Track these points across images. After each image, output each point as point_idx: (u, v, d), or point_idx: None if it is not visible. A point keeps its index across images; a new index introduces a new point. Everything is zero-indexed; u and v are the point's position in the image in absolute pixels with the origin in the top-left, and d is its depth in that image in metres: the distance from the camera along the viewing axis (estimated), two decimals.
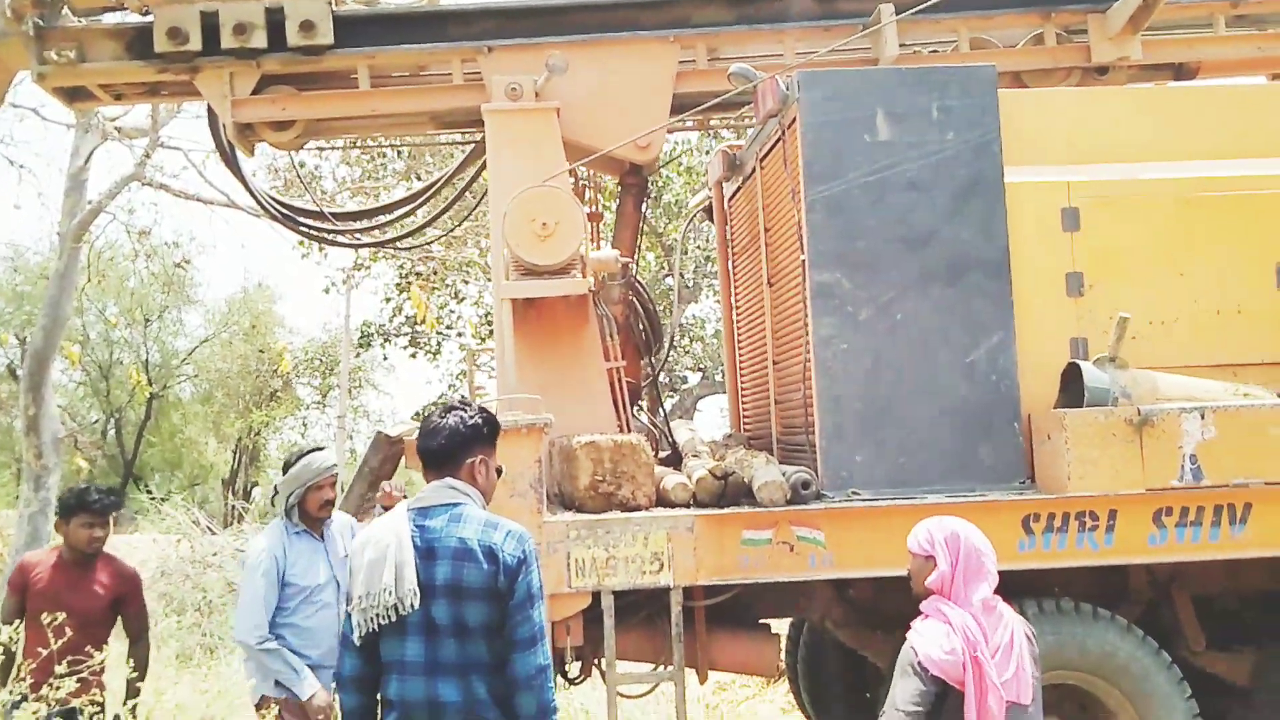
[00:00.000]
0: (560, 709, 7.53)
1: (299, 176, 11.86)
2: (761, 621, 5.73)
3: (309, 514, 4.98)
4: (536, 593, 3.28)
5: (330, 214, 7.79)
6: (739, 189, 6.87)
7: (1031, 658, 3.59)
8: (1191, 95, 5.89)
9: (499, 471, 3.52)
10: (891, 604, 5.41)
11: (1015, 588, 5.14)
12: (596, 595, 5.01)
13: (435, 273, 17.33)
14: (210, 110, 6.88)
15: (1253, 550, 4.97)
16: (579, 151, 6.17)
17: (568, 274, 5.60)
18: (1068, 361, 5.27)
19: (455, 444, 3.39)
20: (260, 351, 25.28)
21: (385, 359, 22.51)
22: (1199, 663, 5.40)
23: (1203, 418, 4.92)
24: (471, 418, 3.42)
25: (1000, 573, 4.94)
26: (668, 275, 14.44)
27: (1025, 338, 5.28)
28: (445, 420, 3.41)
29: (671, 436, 6.69)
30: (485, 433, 3.43)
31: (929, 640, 3.46)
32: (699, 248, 16.03)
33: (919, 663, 3.43)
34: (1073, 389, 5.18)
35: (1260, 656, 5.40)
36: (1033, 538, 4.98)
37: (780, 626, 6.55)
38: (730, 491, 5.21)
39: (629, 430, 5.88)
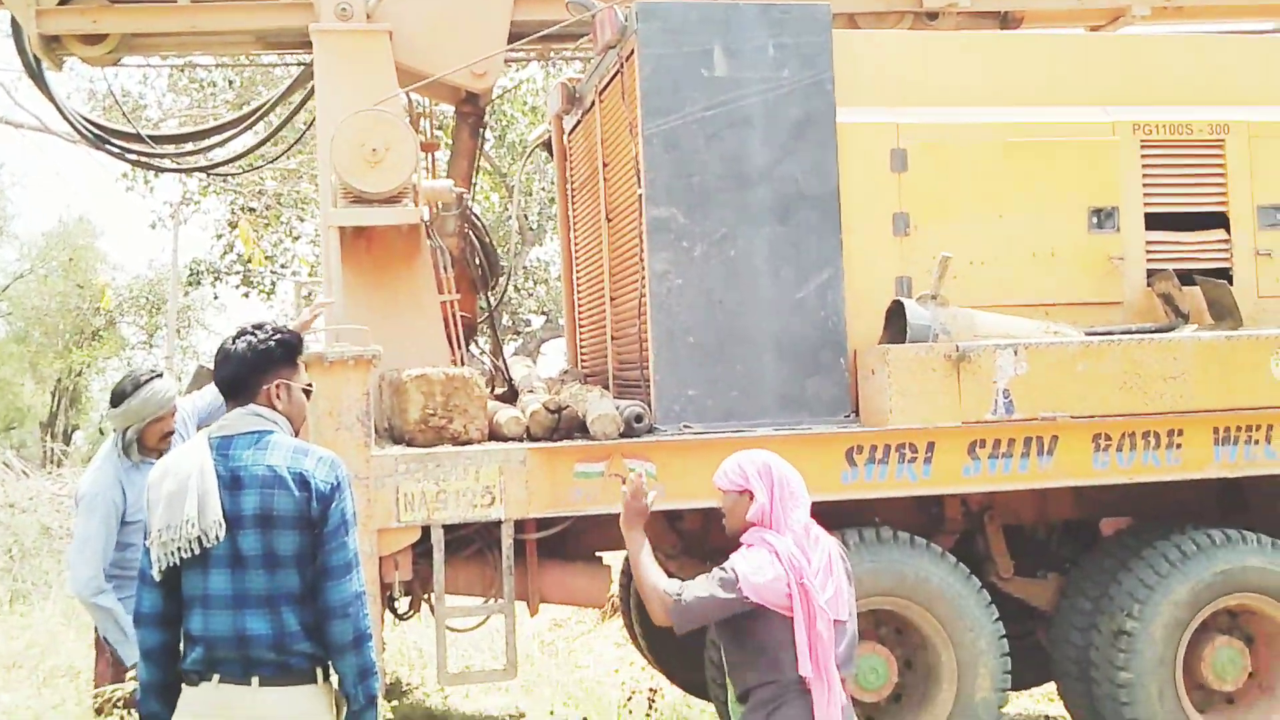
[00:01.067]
0: (390, 645, 7.46)
1: (116, 101, 11.20)
2: (596, 554, 5.76)
3: (148, 446, 4.60)
4: (350, 519, 3.19)
5: (149, 137, 7.38)
6: (578, 123, 6.78)
7: (846, 575, 3.68)
8: (1015, 43, 6.06)
9: (307, 392, 3.37)
10: (720, 535, 5.49)
11: (838, 518, 5.30)
12: (426, 529, 4.94)
13: (269, 208, 16.72)
14: (14, 22, 6.41)
15: (1058, 480, 5.22)
16: (412, 77, 5.97)
17: (399, 203, 5.44)
18: (892, 299, 5.39)
19: (247, 370, 3.23)
20: (80, 288, 23.99)
21: (216, 298, 21.66)
22: (1007, 589, 5.67)
23: (1016, 354, 5.12)
24: (262, 341, 3.25)
25: (824, 503, 5.09)
26: (512, 216, 14.27)
27: (853, 275, 5.38)
28: (235, 346, 3.25)
29: (508, 373, 6.62)
30: (279, 355, 3.27)
31: (752, 565, 3.47)
32: (543, 189, 15.86)
33: (735, 581, 3.43)
34: (896, 325, 5.32)
35: (1062, 582, 5.69)
36: (855, 469, 5.12)
37: (615, 561, 6.61)
38: (564, 425, 5.18)
39: (463, 365, 5.78)
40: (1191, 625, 5.24)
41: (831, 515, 5.29)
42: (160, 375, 4.63)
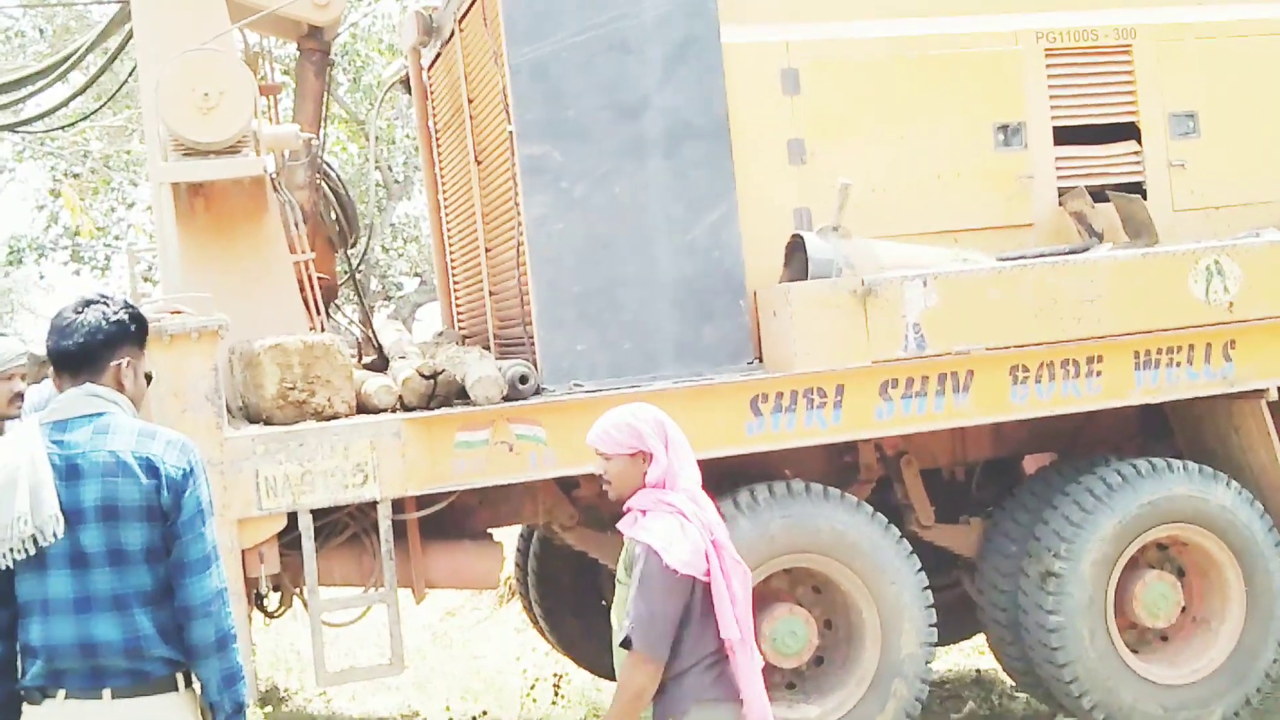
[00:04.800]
0: (262, 647, 7.37)
1: None
2: (486, 532, 5.74)
3: None
4: (207, 508, 3.12)
5: None
6: (438, 56, 6.69)
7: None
8: None
9: (149, 378, 3.30)
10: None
11: (745, 473, 5.39)
12: (293, 516, 4.87)
13: (95, 173, 16.17)
14: None
15: (976, 417, 5.35)
16: (245, 11, 5.81)
17: (238, 153, 5.30)
18: (791, 233, 5.44)
19: (96, 344, 3.13)
20: None
21: (42, 278, 20.86)
22: (929, 537, 5.81)
23: (924, 285, 5.21)
24: (115, 312, 3.17)
25: (729, 458, 5.18)
26: (370, 166, 14.04)
27: (747, 210, 5.40)
28: (83, 316, 3.14)
29: (376, 339, 6.54)
30: (133, 330, 3.20)
31: (667, 538, 3.36)
32: (408, 136, 15.61)
33: (669, 568, 3.32)
34: (797, 262, 5.37)
35: (985, 526, 5.87)
36: (761, 419, 5.17)
37: (508, 538, 6.61)
38: (441, 391, 5.14)
39: (323, 331, 5.70)
40: (1120, 561, 5.44)
41: (738, 470, 5.39)
42: (4, 335, 4.49)
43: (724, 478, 5.36)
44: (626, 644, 3.39)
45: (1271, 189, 6.05)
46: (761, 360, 5.35)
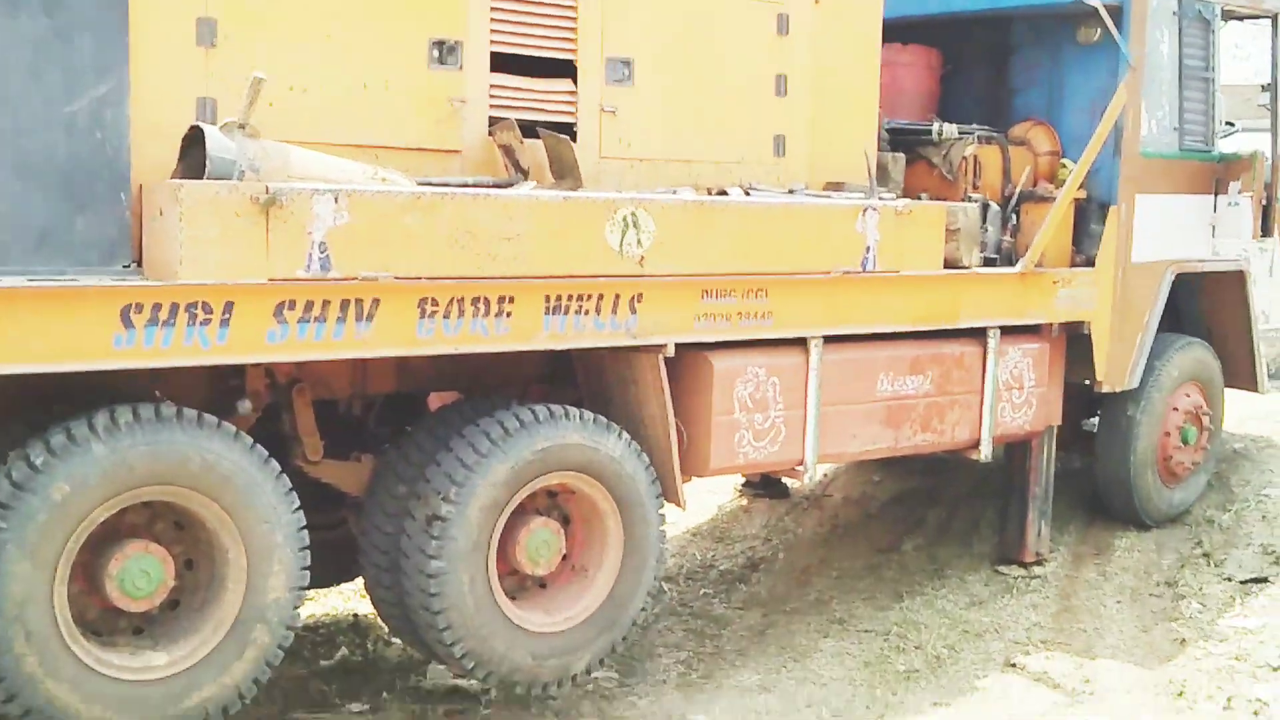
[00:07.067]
0: None
1: None
2: None
3: None
4: None
5: None
6: None
7: None
8: None
9: None
10: None
11: (110, 390, 4.50)
12: None
13: None
14: None
15: (378, 349, 4.73)
16: None
17: None
18: (191, 124, 4.58)
19: None
20: None
21: None
22: (315, 473, 5.19)
23: (336, 202, 4.53)
24: None
25: (93, 374, 4.28)
26: None
27: (141, 90, 4.49)
28: None
29: None
30: None
31: None
32: None
33: None
34: (193, 157, 4.53)
35: (377, 464, 5.32)
36: (133, 332, 4.27)
37: None
38: None
39: None
40: (509, 508, 5.07)
41: (101, 387, 4.49)
42: None
43: (85, 395, 4.45)
44: None
45: (694, 148, 5.89)
46: (141, 264, 4.46)
